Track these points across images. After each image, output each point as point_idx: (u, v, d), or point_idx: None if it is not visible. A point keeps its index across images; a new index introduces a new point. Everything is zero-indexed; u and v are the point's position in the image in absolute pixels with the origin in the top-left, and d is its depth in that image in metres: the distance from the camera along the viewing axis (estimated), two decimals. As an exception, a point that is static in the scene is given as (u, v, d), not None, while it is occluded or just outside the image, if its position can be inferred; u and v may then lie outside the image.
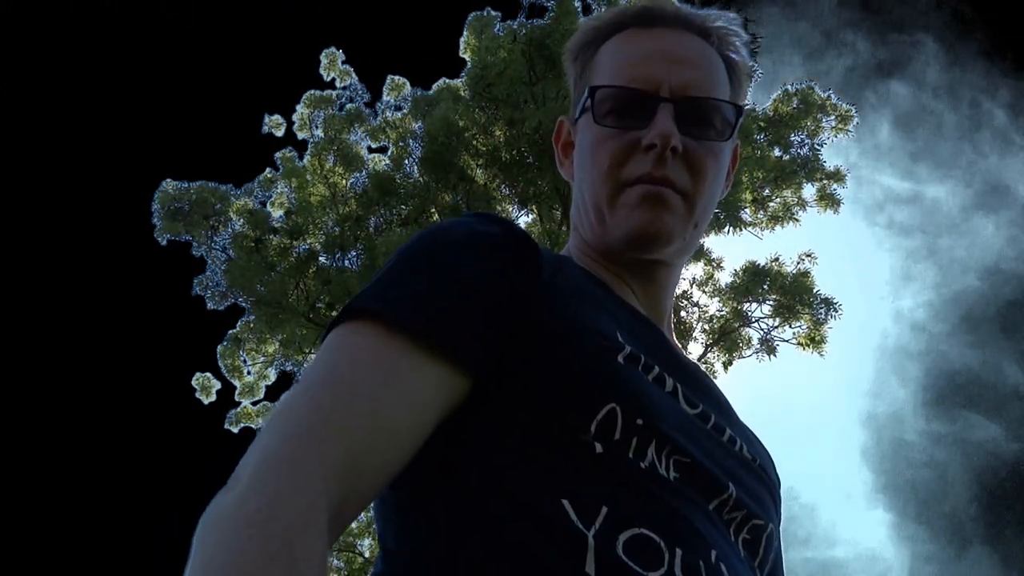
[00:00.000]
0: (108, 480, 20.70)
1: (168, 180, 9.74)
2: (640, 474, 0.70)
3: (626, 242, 0.88)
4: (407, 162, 10.15)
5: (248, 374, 10.43)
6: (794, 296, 9.42)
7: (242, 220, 9.84)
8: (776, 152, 9.93)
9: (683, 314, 10.10)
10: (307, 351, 10.09)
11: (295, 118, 10.55)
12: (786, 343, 9.67)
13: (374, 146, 10.65)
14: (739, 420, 0.90)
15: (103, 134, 22.56)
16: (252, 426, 10.56)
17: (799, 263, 9.84)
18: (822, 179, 10.00)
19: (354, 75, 10.75)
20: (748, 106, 9.63)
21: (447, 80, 10.32)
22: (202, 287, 9.76)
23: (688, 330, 10.01)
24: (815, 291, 9.52)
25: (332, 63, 10.73)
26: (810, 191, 10.11)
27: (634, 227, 0.86)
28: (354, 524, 9.27)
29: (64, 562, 19.19)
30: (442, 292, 0.71)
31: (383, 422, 0.64)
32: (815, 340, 9.45)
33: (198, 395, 10.51)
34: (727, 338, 9.91)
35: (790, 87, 10.12)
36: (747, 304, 9.89)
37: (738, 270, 10.01)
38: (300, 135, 10.57)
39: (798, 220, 10.04)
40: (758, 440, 0.91)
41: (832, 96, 10.01)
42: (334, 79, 10.75)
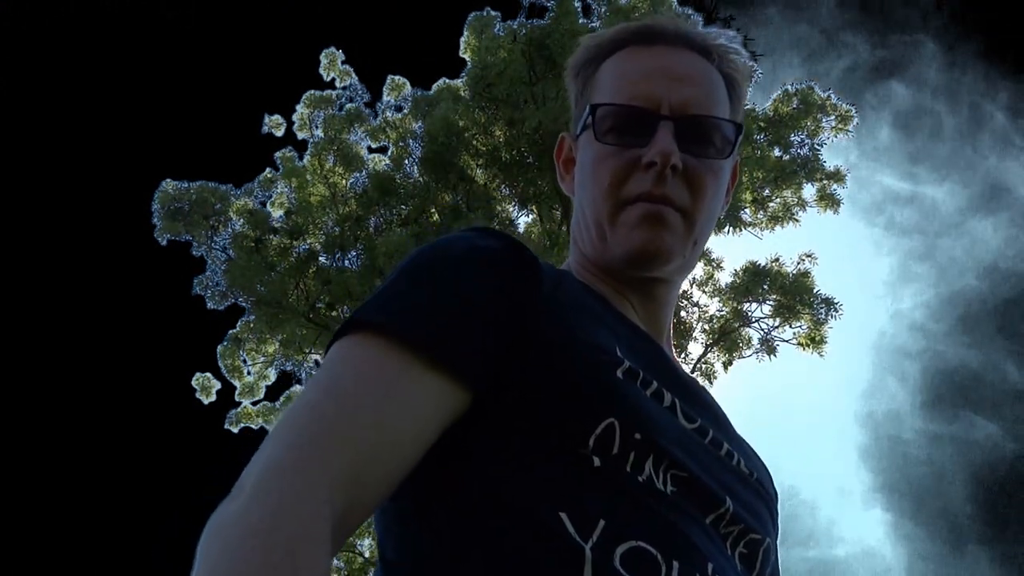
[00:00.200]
0: (108, 480, 20.71)
1: (168, 180, 9.75)
2: (637, 488, 0.70)
3: (626, 260, 0.89)
4: (407, 162, 10.16)
5: (248, 374, 10.43)
6: (794, 296, 9.42)
7: (242, 220, 9.84)
8: (776, 152, 9.94)
9: (683, 314, 10.10)
10: (307, 351, 10.10)
11: (295, 118, 10.56)
12: (786, 343, 9.68)
13: (374, 146, 10.66)
14: (736, 434, 0.91)
15: (103, 134, 22.57)
16: (252, 426, 10.56)
17: (799, 263, 9.84)
18: (822, 179, 10.00)
19: (354, 75, 10.76)
20: (748, 106, 9.64)
21: (447, 80, 10.33)
22: (202, 287, 9.77)
23: (688, 330, 10.02)
24: (815, 291, 9.52)
25: (332, 63, 10.74)
26: (810, 191, 10.12)
27: (634, 246, 0.87)
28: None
29: (64, 562, 19.20)
30: (443, 306, 0.72)
31: (385, 434, 0.65)
32: (815, 340, 9.46)
33: (198, 395, 10.52)
34: (727, 338, 9.91)
35: (790, 87, 10.13)
36: (747, 304, 9.89)
37: (738, 270, 10.02)
38: (300, 135, 10.58)
39: (798, 220, 10.05)
40: (755, 454, 0.92)
41: (832, 96, 10.02)
42: (334, 79, 10.76)
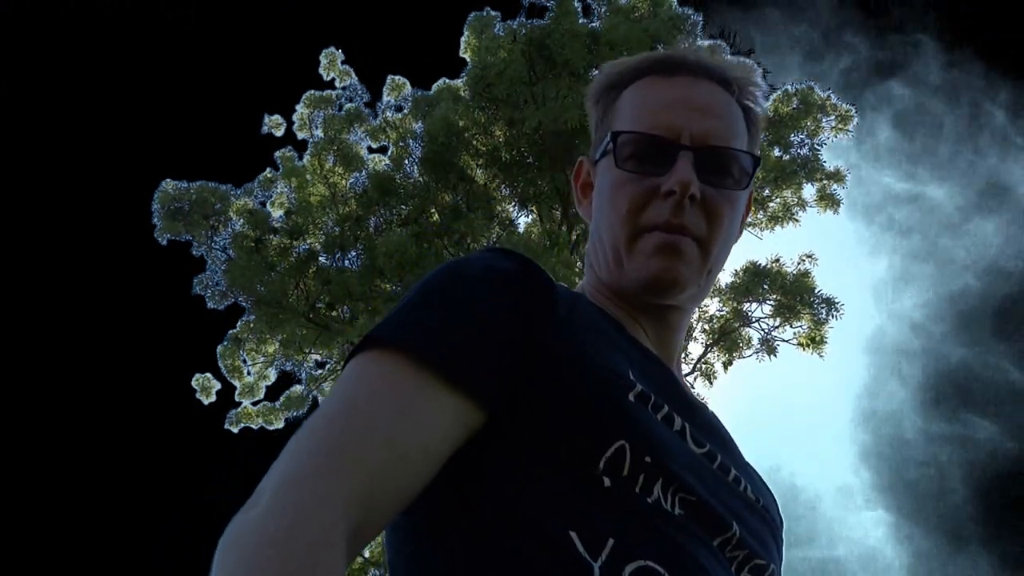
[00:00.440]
0: (108, 480, 20.71)
1: (168, 180, 9.75)
2: (646, 508, 0.72)
3: (641, 287, 0.90)
4: (407, 162, 10.16)
5: (248, 374, 10.43)
6: (794, 296, 9.42)
7: (242, 220, 9.84)
8: (776, 152, 9.94)
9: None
10: (307, 351, 10.10)
11: (295, 118, 10.55)
12: (786, 343, 9.68)
13: (374, 146, 10.66)
14: (744, 460, 0.92)
15: (103, 134, 22.56)
16: (252, 426, 10.56)
17: (799, 263, 9.84)
18: (822, 179, 10.00)
19: (354, 75, 10.76)
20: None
21: (447, 80, 10.33)
22: (202, 287, 9.77)
23: (688, 330, 10.02)
24: (816, 291, 9.52)
25: (332, 63, 10.73)
26: (810, 191, 10.12)
27: (650, 274, 0.89)
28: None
29: (64, 562, 19.20)
30: (459, 326, 0.73)
31: (399, 450, 0.66)
32: (815, 340, 9.45)
33: (198, 395, 10.51)
34: (727, 338, 9.91)
35: (790, 87, 10.13)
36: (747, 304, 9.89)
37: (738, 270, 10.02)
38: (300, 135, 10.58)
39: (798, 220, 10.05)
40: (762, 481, 0.93)
41: (832, 96, 10.02)
42: (334, 79, 10.76)
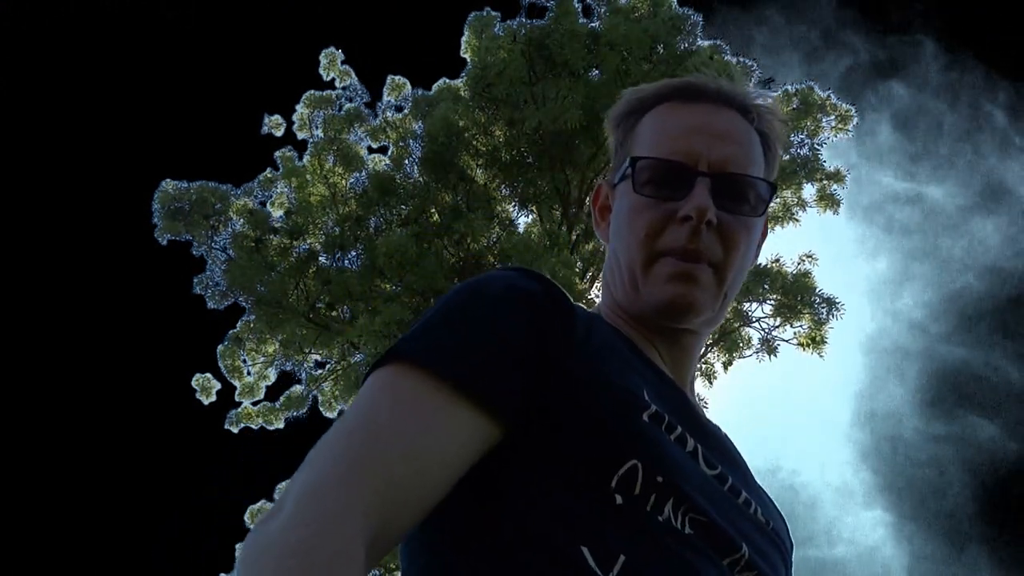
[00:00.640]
0: (108, 480, 20.71)
1: (168, 180, 9.74)
2: (657, 527, 0.73)
3: (656, 311, 0.91)
4: (407, 162, 10.15)
5: (248, 374, 10.42)
6: (795, 296, 9.42)
7: (242, 220, 9.83)
8: (776, 152, 9.92)
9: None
10: (307, 351, 10.09)
11: (295, 118, 10.54)
12: (786, 343, 9.67)
13: (374, 146, 10.65)
14: (755, 483, 0.93)
15: (103, 134, 22.56)
16: (252, 426, 10.55)
17: (799, 263, 9.84)
18: (822, 179, 10.00)
19: (354, 75, 10.75)
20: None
21: (447, 80, 10.33)
22: (202, 287, 9.76)
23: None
24: (816, 290, 9.51)
25: (332, 63, 10.73)
26: (810, 191, 10.12)
27: (665, 298, 0.90)
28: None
29: (64, 562, 19.20)
30: (479, 343, 0.74)
31: (419, 464, 0.67)
32: (815, 340, 9.45)
33: (198, 395, 10.51)
34: (727, 338, 9.91)
35: (790, 87, 10.13)
36: (747, 304, 9.89)
37: (738, 270, 9.98)
38: (300, 135, 10.57)
39: (798, 220, 10.05)
40: (773, 504, 0.94)
41: (832, 96, 10.01)
42: (334, 79, 10.75)
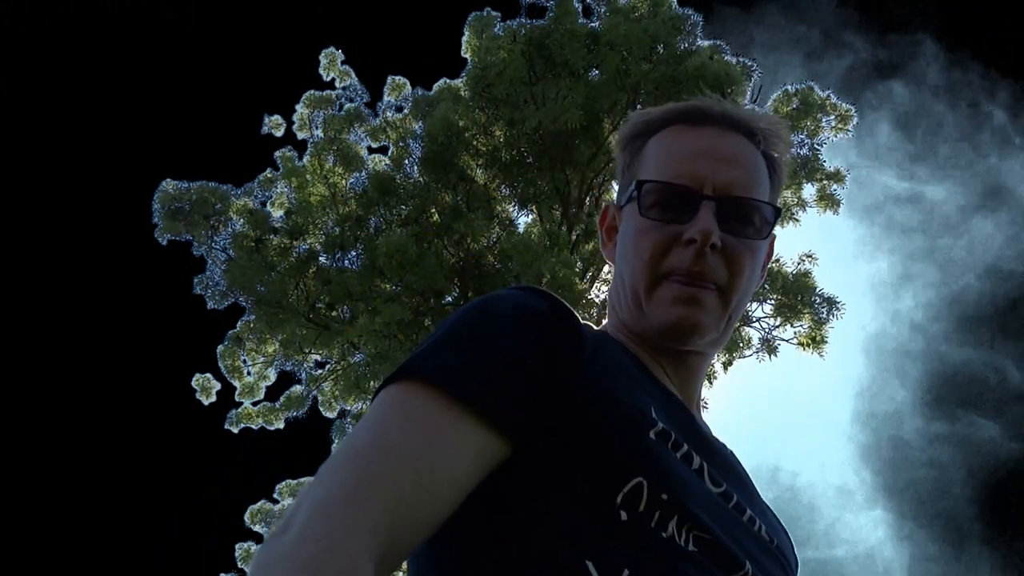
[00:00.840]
0: (108, 480, 20.71)
1: (168, 180, 9.73)
2: (661, 543, 0.74)
3: (661, 333, 0.93)
4: (407, 162, 10.15)
5: (248, 374, 10.42)
6: (795, 295, 9.42)
7: (242, 220, 9.83)
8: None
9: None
10: (307, 351, 10.09)
11: (295, 118, 10.54)
12: (787, 343, 9.67)
13: (374, 146, 10.65)
14: (760, 500, 0.94)
15: (103, 134, 22.56)
16: (252, 426, 10.56)
17: (799, 263, 9.84)
18: (822, 179, 10.00)
19: (354, 75, 10.75)
20: (748, 106, 9.64)
21: (447, 80, 10.33)
22: (202, 287, 9.76)
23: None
24: (817, 290, 9.51)
25: (332, 63, 10.73)
26: (810, 191, 10.12)
27: (670, 321, 0.91)
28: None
29: (64, 562, 19.20)
30: (488, 361, 0.75)
31: (428, 481, 0.68)
32: (815, 340, 9.45)
33: (198, 396, 10.51)
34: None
35: (790, 87, 10.13)
36: (747, 304, 9.87)
37: (738, 270, 9.98)
38: (300, 135, 10.56)
39: (798, 220, 10.04)
40: (778, 522, 0.95)
41: (832, 96, 10.01)
42: (334, 79, 10.75)
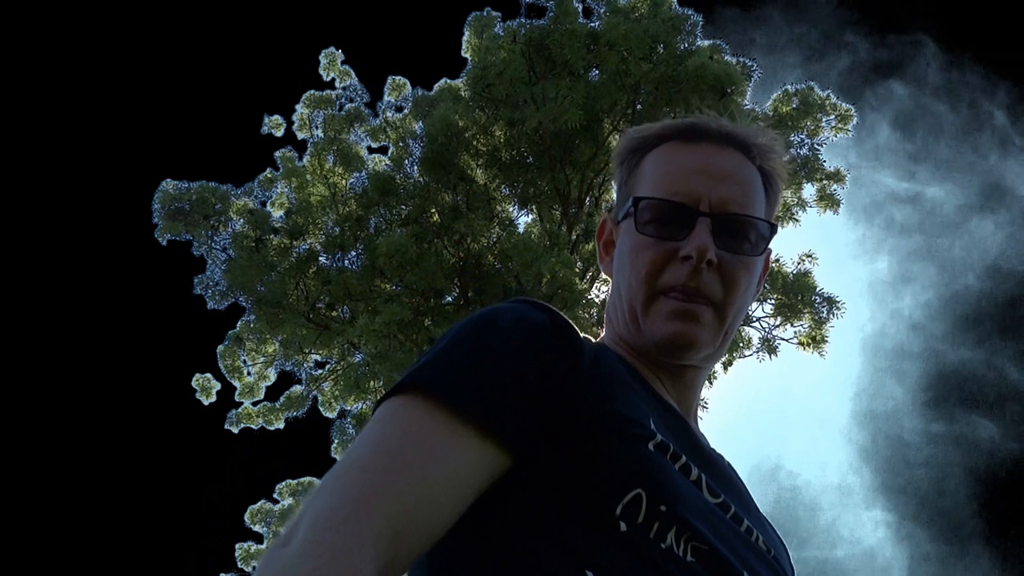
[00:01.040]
0: (108, 480, 20.71)
1: (168, 180, 9.73)
2: (660, 554, 0.74)
3: (657, 348, 0.94)
4: (407, 162, 10.15)
5: (248, 374, 10.42)
6: (795, 295, 9.42)
7: (242, 220, 9.83)
8: (776, 152, 9.91)
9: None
10: (307, 351, 10.09)
11: (295, 118, 10.54)
12: (787, 343, 9.67)
13: (374, 146, 10.65)
14: (757, 511, 0.95)
15: (103, 134, 22.56)
16: (252, 426, 10.56)
17: (799, 263, 9.84)
18: (822, 179, 10.00)
19: (354, 75, 10.75)
20: (748, 106, 9.64)
21: (448, 80, 10.33)
22: (202, 287, 9.76)
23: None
24: (817, 289, 9.51)
25: (332, 63, 10.73)
26: (810, 191, 10.12)
27: (666, 335, 0.92)
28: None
29: (64, 562, 19.20)
30: (488, 374, 0.76)
31: (428, 492, 0.69)
32: (816, 340, 9.45)
33: (198, 395, 10.51)
34: (727, 338, 9.89)
35: (790, 87, 10.13)
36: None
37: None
38: (300, 135, 10.57)
39: (798, 220, 10.04)
40: (775, 532, 0.96)
41: (832, 96, 10.01)
42: (334, 79, 10.75)
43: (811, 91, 9.98)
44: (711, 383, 9.94)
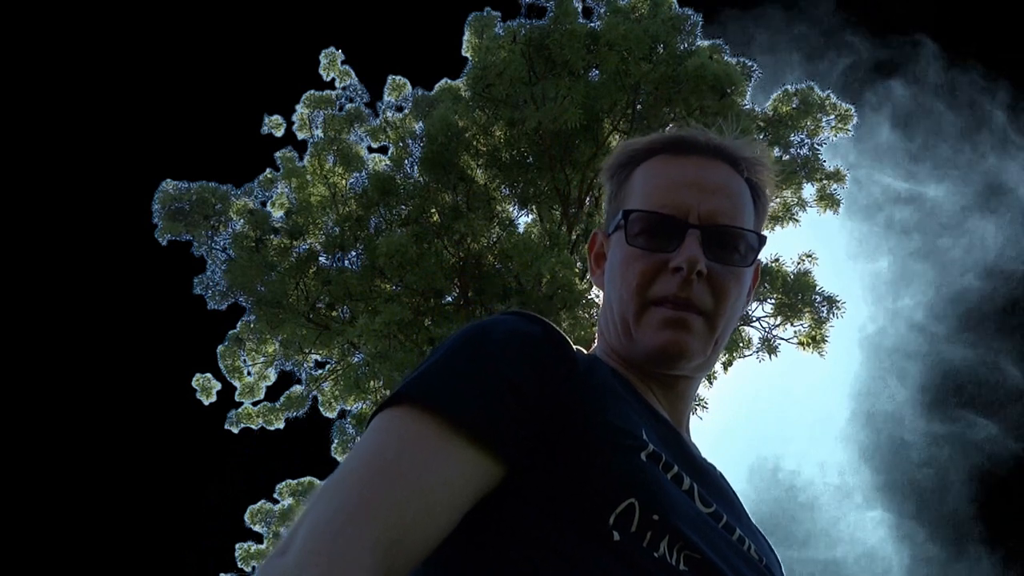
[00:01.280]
0: (109, 480, 20.71)
1: (168, 180, 9.73)
2: (652, 563, 0.75)
3: (649, 358, 0.95)
4: (407, 162, 10.15)
5: (248, 374, 10.43)
6: (795, 294, 9.42)
7: (242, 220, 9.83)
8: (776, 152, 9.93)
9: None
10: (307, 351, 10.10)
11: (295, 118, 10.55)
12: (787, 343, 9.67)
13: (374, 146, 10.66)
14: (749, 520, 0.96)
15: (103, 134, 22.57)
16: (252, 427, 10.56)
17: (799, 263, 9.83)
18: (822, 179, 10.00)
19: (354, 75, 10.76)
20: (748, 106, 9.64)
21: (448, 80, 10.33)
22: (202, 287, 9.76)
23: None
24: (817, 289, 9.51)
25: (332, 63, 10.73)
26: (810, 191, 10.12)
27: (657, 344, 0.93)
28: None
29: (63, 562, 19.21)
30: (482, 385, 0.77)
31: (424, 502, 0.70)
32: (816, 340, 9.45)
33: (198, 396, 10.51)
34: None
35: (790, 87, 10.13)
36: (748, 303, 9.87)
37: (738, 270, 9.96)
38: (300, 135, 10.57)
39: (798, 220, 10.04)
40: (766, 541, 0.97)
41: (832, 96, 10.01)
42: (334, 79, 10.76)
43: (811, 91, 9.99)
44: (711, 383, 9.94)
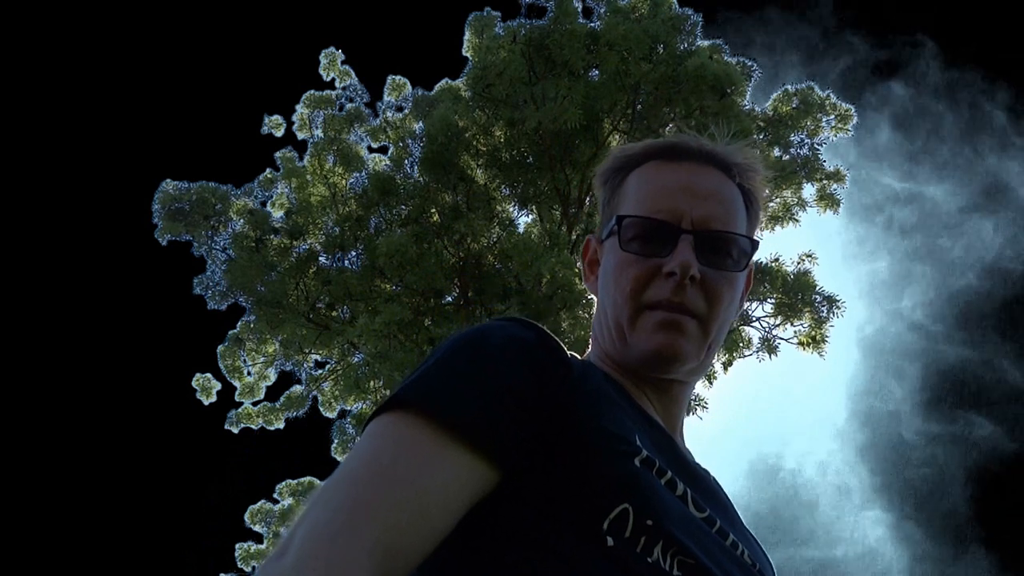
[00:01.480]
0: (109, 480, 20.71)
1: (168, 180, 9.74)
2: (646, 568, 0.75)
3: (643, 362, 0.95)
4: (407, 162, 10.15)
5: (248, 374, 10.42)
6: (795, 294, 9.42)
7: (242, 220, 9.83)
8: (776, 152, 9.93)
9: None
10: (307, 351, 10.10)
11: (295, 118, 10.54)
12: (786, 343, 9.67)
13: (374, 146, 10.65)
14: (743, 525, 0.97)
15: (103, 134, 22.56)
16: (252, 427, 10.56)
17: (799, 263, 9.83)
18: (822, 179, 10.00)
19: (354, 75, 10.76)
20: (747, 106, 9.64)
21: (448, 80, 10.33)
22: (202, 287, 9.76)
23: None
24: (817, 289, 9.50)
25: (332, 63, 10.73)
26: (810, 191, 10.12)
27: (652, 348, 0.93)
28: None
29: (63, 563, 19.20)
30: (477, 390, 0.77)
31: (420, 506, 0.70)
32: (816, 340, 9.45)
33: (198, 395, 10.51)
34: (727, 337, 9.90)
35: (790, 87, 10.13)
36: (747, 304, 9.89)
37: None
38: (300, 135, 10.57)
39: (798, 220, 10.04)
40: (759, 546, 0.98)
41: (832, 96, 10.01)
42: (334, 79, 10.76)
43: (811, 91, 9.98)
44: (711, 383, 9.94)
